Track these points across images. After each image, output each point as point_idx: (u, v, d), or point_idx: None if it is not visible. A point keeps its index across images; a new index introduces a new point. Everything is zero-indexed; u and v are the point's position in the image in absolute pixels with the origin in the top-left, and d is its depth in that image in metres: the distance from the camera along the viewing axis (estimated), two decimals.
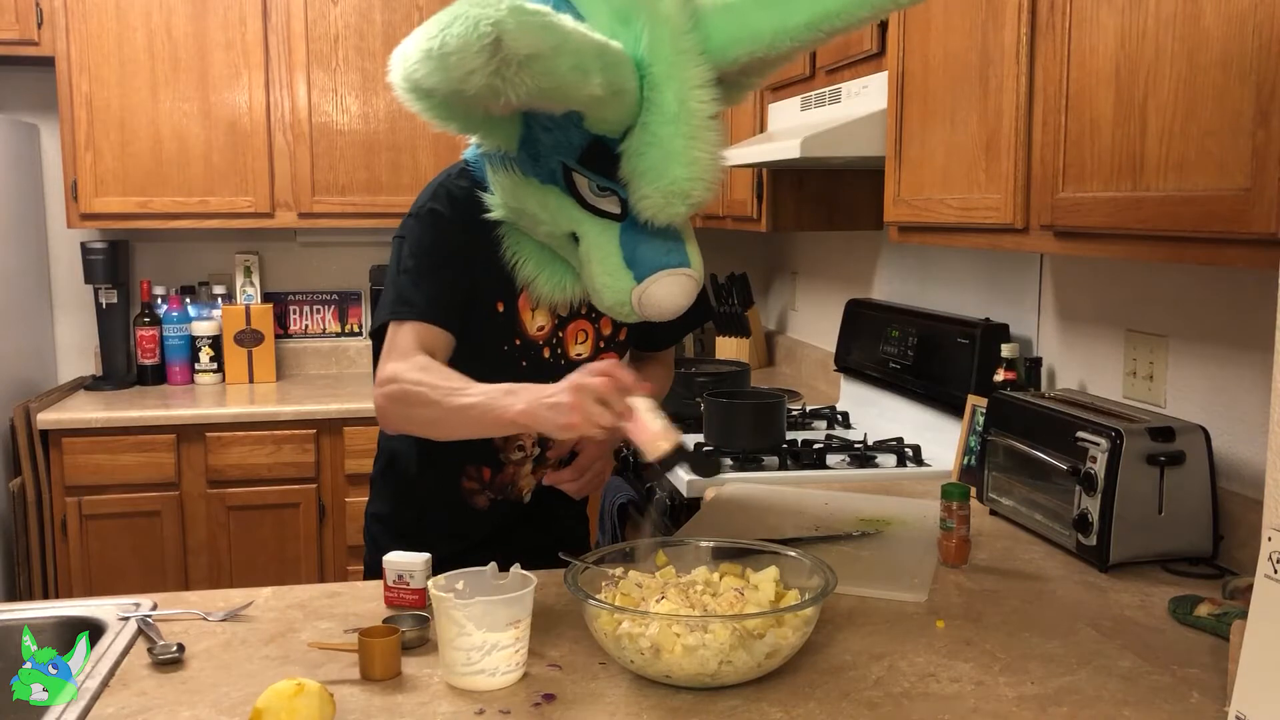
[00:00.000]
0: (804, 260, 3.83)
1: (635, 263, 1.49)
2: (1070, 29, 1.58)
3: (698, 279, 1.53)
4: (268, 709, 1.16)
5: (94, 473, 3.26)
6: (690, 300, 1.55)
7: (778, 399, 2.62)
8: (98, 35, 3.45)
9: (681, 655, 1.24)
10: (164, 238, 3.88)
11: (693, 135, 1.40)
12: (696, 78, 1.41)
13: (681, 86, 1.40)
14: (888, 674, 1.33)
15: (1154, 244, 1.42)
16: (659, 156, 1.40)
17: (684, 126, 1.39)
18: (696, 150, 1.40)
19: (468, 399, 1.45)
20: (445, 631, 1.29)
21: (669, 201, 1.42)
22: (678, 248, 1.51)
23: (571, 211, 1.51)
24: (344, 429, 3.39)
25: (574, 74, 1.31)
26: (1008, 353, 2.25)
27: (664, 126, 1.39)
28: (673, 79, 1.40)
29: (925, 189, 2.03)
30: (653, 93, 1.40)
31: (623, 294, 1.50)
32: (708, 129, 1.41)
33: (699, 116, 1.40)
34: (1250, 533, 1.68)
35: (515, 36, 1.24)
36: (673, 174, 1.40)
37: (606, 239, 1.50)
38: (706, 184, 1.42)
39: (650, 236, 1.49)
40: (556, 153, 1.49)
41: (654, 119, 1.39)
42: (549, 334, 1.70)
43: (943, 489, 1.73)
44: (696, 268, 1.53)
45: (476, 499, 1.78)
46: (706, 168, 1.41)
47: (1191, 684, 1.31)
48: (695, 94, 1.40)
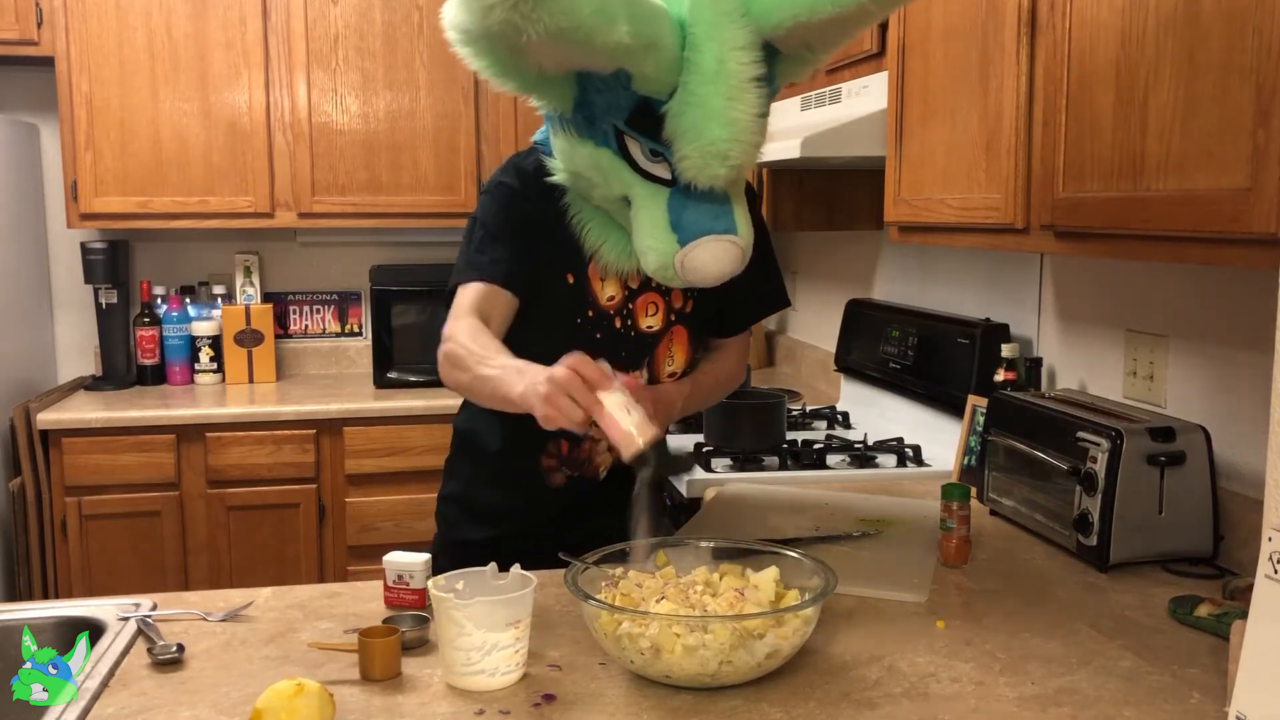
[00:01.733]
0: (804, 260, 3.83)
1: (680, 226, 1.49)
2: (1070, 29, 1.57)
3: (744, 247, 1.51)
4: (268, 709, 1.16)
5: (94, 473, 3.26)
6: (735, 268, 1.53)
7: (778, 399, 2.62)
8: (98, 35, 3.45)
9: (681, 655, 1.24)
10: (164, 238, 3.88)
11: (731, 96, 1.40)
12: (737, 39, 1.40)
13: (721, 47, 1.40)
14: (888, 674, 1.33)
15: (1154, 244, 1.42)
16: (698, 116, 1.40)
17: (722, 86, 1.39)
18: (735, 111, 1.40)
19: (489, 370, 1.51)
20: (445, 632, 1.29)
21: (707, 162, 1.42)
22: (725, 213, 1.50)
23: (624, 175, 1.52)
24: (344, 429, 3.39)
25: (597, 18, 1.32)
26: (1008, 353, 2.25)
27: (703, 86, 1.39)
28: (712, 39, 1.40)
29: (925, 189, 2.03)
30: (693, 53, 1.40)
31: (666, 256, 1.50)
32: (747, 90, 1.41)
33: (738, 78, 1.40)
34: (1250, 533, 1.68)
35: None
36: (711, 134, 1.40)
37: (655, 202, 1.50)
38: (745, 145, 1.42)
39: (698, 201, 1.48)
40: (609, 115, 1.50)
41: (694, 79, 1.40)
42: (620, 304, 1.71)
43: (943, 489, 1.73)
44: (744, 236, 1.51)
45: (553, 476, 1.80)
46: (745, 129, 1.41)
47: (1191, 684, 1.31)
48: (735, 55, 1.40)
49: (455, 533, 1.90)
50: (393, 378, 3.68)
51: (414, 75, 3.66)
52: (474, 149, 3.71)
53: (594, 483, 1.82)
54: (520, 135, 3.65)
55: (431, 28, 3.64)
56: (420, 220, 3.70)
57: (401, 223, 3.71)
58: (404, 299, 3.69)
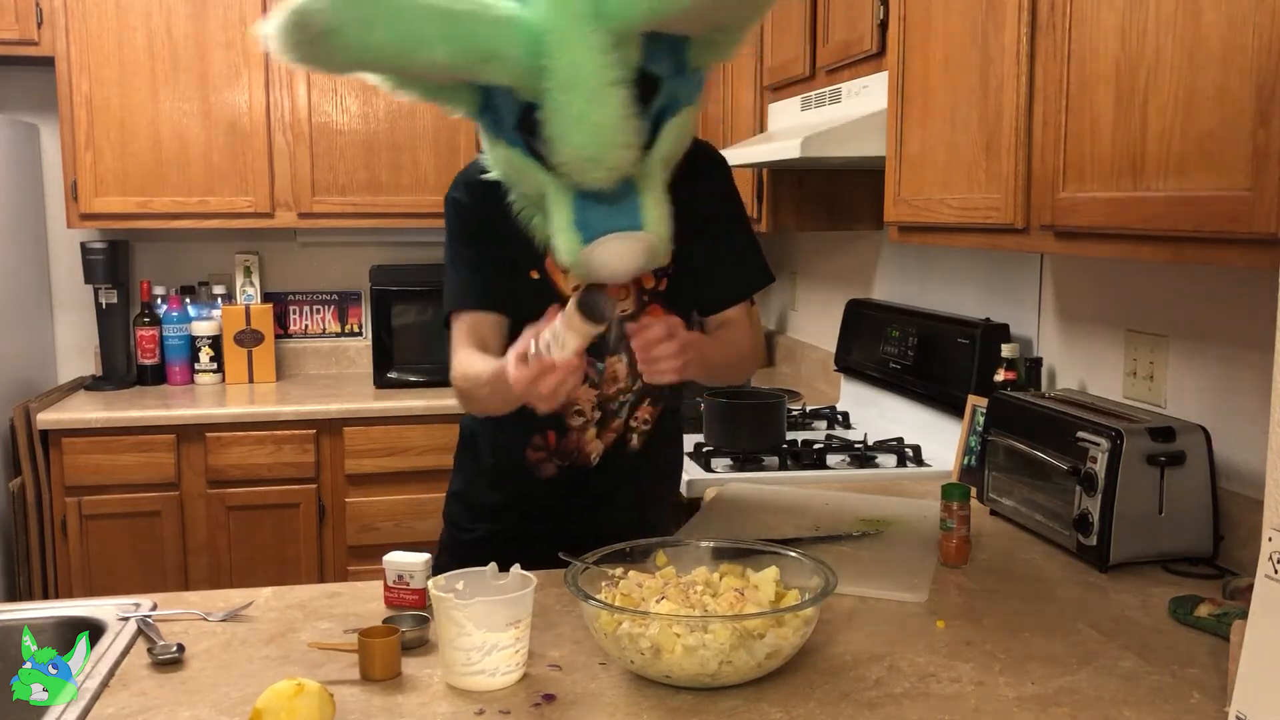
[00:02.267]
0: (804, 260, 3.83)
1: (584, 224, 1.47)
2: (1070, 29, 1.57)
3: (650, 242, 1.49)
4: (268, 709, 1.16)
5: (94, 473, 3.26)
6: (639, 264, 1.51)
7: (778, 399, 2.62)
8: (98, 35, 3.45)
9: (682, 655, 1.24)
10: (164, 238, 3.88)
11: (591, 100, 1.37)
12: (592, 42, 1.38)
13: (574, 52, 1.37)
14: (888, 674, 1.33)
15: (1154, 244, 1.42)
16: (562, 123, 1.39)
17: (580, 93, 1.37)
18: (597, 115, 1.38)
19: (486, 390, 1.62)
20: (445, 632, 1.29)
21: (581, 167, 1.41)
22: (630, 209, 1.48)
23: (535, 174, 1.51)
24: (344, 429, 3.39)
25: (402, 44, 1.33)
26: (1008, 353, 2.25)
27: (562, 94, 1.38)
28: (565, 46, 1.37)
29: (925, 189, 2.03)
30: (549, 60, 1.38)
31: (572, 255, 1.49)
32: (608, 94, 1.38)
33: (596, 81, 1.37)
34: (1250, 533, 1.68)
35: (313, 16, 1.27)
36: (575, 140, 1.39)
37: (563, 199, 1.49)
38: (614, 148, 1.40)
39: (603, 198, 1.46)
40: (507, 117, 1.50)
41: (553, 86, 1.38)
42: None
43: (943, 489, 1.73)
44: (652, 228, 1.49)
45: (544, 468, 1.80)
46: (611, 131, 1.39)
47: (1191, 684, 1.31)
48: (590, 59, 1.37)
49: (458, 530, 1.92)
50: (393, 378, 3.68)
51: None
52: (474, 149, 3.71)
53: (587, 470, 1.82)
54: None
55: None
56: (420, 220, 3.70)
57: (401, 223, 3.71)
58: (404, 299, 3.69)
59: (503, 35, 1.38)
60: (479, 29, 1.37)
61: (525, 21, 1.38)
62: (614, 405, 1.79)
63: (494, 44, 1.38)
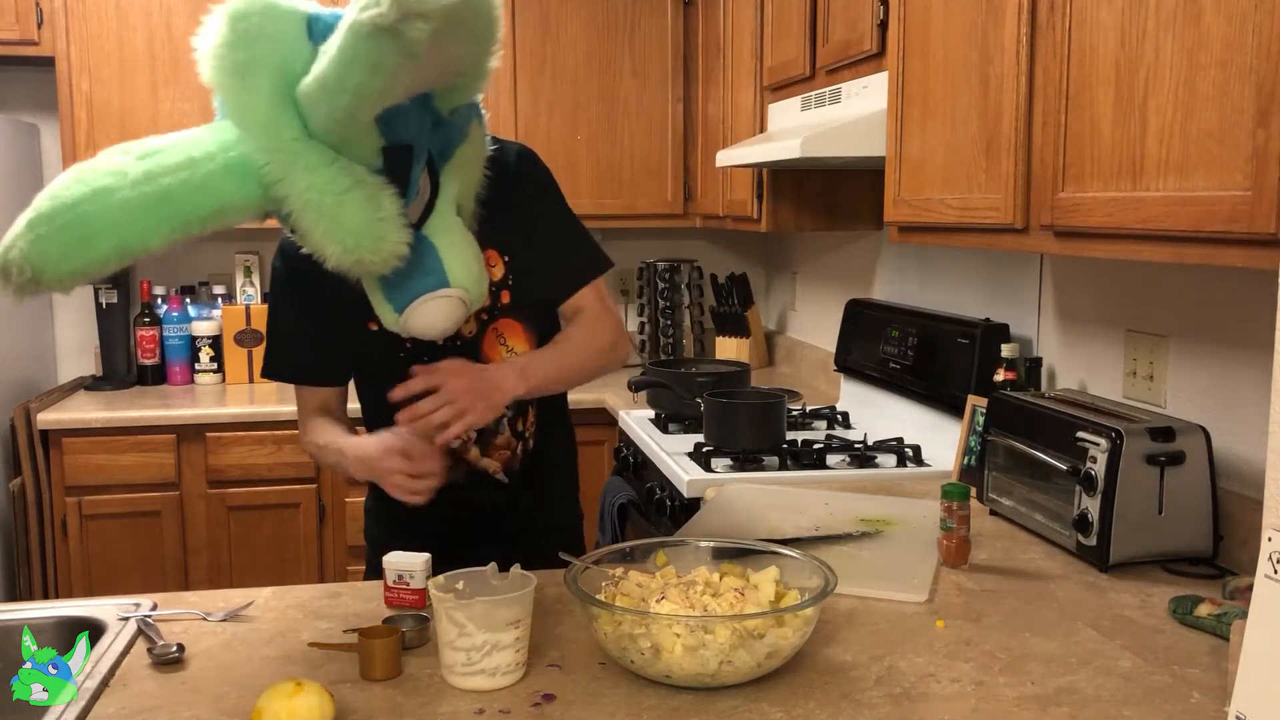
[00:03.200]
0: (804, 260, 3.83)
1: (393, 297, 1.51)
2: (1070, 29, 1.57)
3: (459, 295, 1.52)
4: (268, 709, 1.16)
5: (94, 473, 3.26)
6: (456, 318, 1.54)
7: (778, 399, 2.62)
8: (98, 35, 3.45)
9: (682, 655, 1.24)
10: None
11: (332, 215, 1.38)
12: (311, 161, 1.37)
13: (298, 177, 1.37)
14: (888, 674, 1.33)
15: (1154, 244, 1.42)
16: (316, 241, 1.39)
17: (318, 212, 1.37)
18: (343, 225, 1.38)
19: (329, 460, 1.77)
20: (445, 632, 1.29)
21: (354, 269, 1.42)
22: (434, 268, 1.50)
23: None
24: None
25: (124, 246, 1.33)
26: (1008, 353, 2.25)
27: (302, 216, 1.38)
28: (288, 173, 1.37)
29: (925, 189, 2.03)
30: (279, 189, 1.38)
31: (393, 325, 1.54)
32: (345, 203, 1.38)
33: (330, 196, 1.37)
34: (1250, 533, 1.68)
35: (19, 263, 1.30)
36: (333, 252, 1.40)
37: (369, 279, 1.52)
38: (375, 245, 1.39)
39: (405, 266, 1.46)
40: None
41: (292, 210, 1.38)
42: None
43: (943, 489, 1.73)
44: (458, 281, 1.51)
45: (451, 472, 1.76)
46: (364, 235, 1.39)
47: (1191, 684, 1.31)
48: (316, 178, 1.37)
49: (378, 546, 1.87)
50: None
51: None
52: None
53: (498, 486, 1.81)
54: (519, 136, 3.65)
55: None
56: None
57: None
58: None
59: (222, 188, 1.37)
60: (193, 197, 1.36)
61: (242, 161, 1.37)
62: (490, 424, 1.75)
63: (216, 202, 1.37)
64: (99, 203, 1.32)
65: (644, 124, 3.81)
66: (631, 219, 3.83)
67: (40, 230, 1.30)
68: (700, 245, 4.21)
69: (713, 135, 3.51)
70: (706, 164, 3.52)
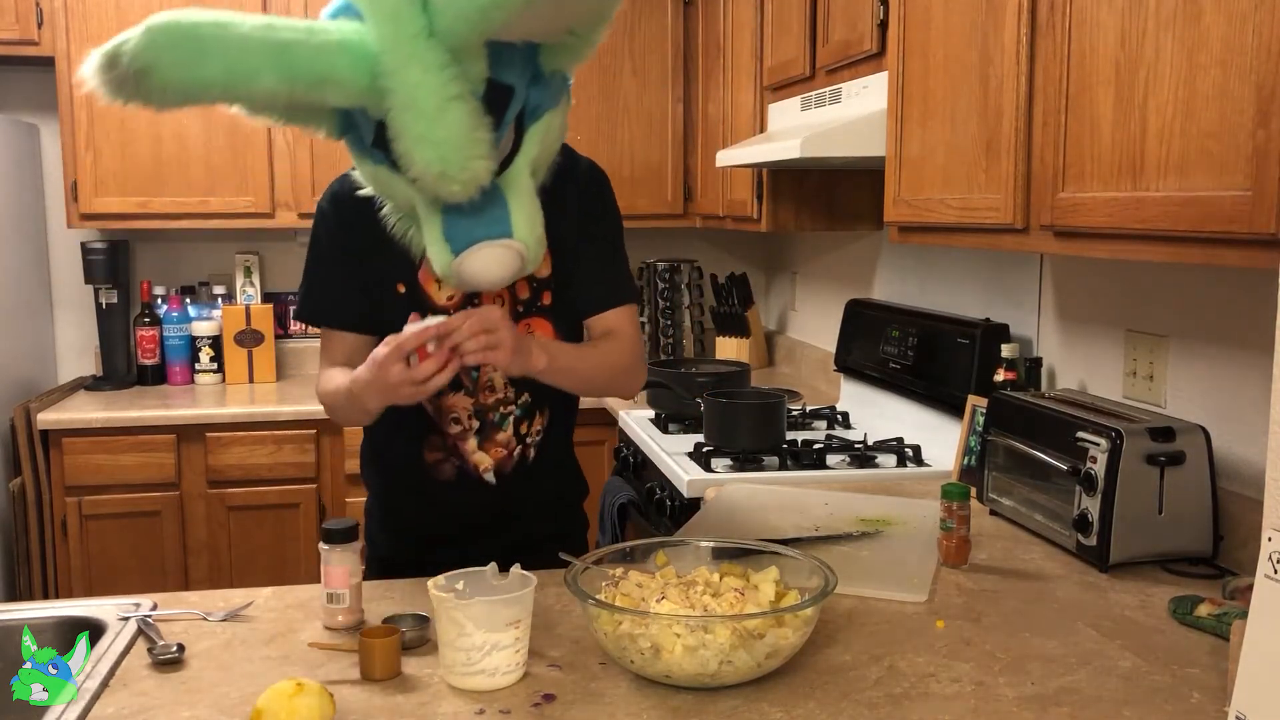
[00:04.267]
0: (804, 260, 3.83)
1: (453, 235, 1.49)
2: (1070, 29, 1.57)
3: (519, 249, 1.51)
4: (268, 709, 1.16)
5: (94, 473, 3.26)
6: (511, 272, 1.53)
7: (778, 399, 2.62)
8: (98, 35, 3.44)
9: (682, 655, 1.24)
10: (164, 238, 3.88)
11: (432, 118, 1.38)
12: (428, 60, 1.38)
13: (410, 72, 1.38)
14: (888, 674, 1.33)
15: (1154, 244, 1.42)
16: (408, 142, 1.40)
17: (419, 112, 1.38)
18: (440, 132, 1.39)
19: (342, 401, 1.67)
20: (445, 632, 1.29)
21: (433, 184, 1.42)
22: (499, 217, 1.49)
23: (402, 188, 1.52)
24: (344, 429, 3.39)
25: (231, 77, 1.34)
26: (1008, 353, 2.25)
27: (403, 114, 1.39)
28: (401, 67, 1.38)
29: (925, 189, 2.03)
30: (387, 80, 1.39)
31: (444, 266, 1.51)
32: (450, 110, 1.39)
33: (437, 98, 1.38)
34: (1250, 533, 1.68)
35: (131, 55, 1.28)
36: (423, 157, 1.40)
37: (431, 211, 1.50)
38: (463, 161, 1.40)
39: (471, 207, 1.47)
40: (367, 135, 1.51)
41: (394, 106, 1.39)
42: (460, 302, 1.72)
43: (943, 489, 1.73)
44: (522, 236, 1.50)
45: (442, 468, 1.77)
46: (457, 147, 1.39)
47: (1191, 684, 1.31)
48: (427, 78, 1.38)
49: (378, 547, 1.89)
50: None
51: None
52: None
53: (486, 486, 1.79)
54: None
55: None
56: None
57: None
58: None
59: (335, 60, 1.39)
60: (307, 55, 1.37)
61: (360, 44, 1.39)
62: (494, 416, 1.76)
63: (326, 69, 1.38)
64: (219, 30, 1.33)
65: (644, 124, 3.81)
66: (631, 219, 3.78)
67: (158, 37, 1.30)
68: (700, 245, 4.21)
69: (713, 135, 3.51)
70: (706, 164, 3.52)
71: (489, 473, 1.79)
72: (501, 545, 1.64)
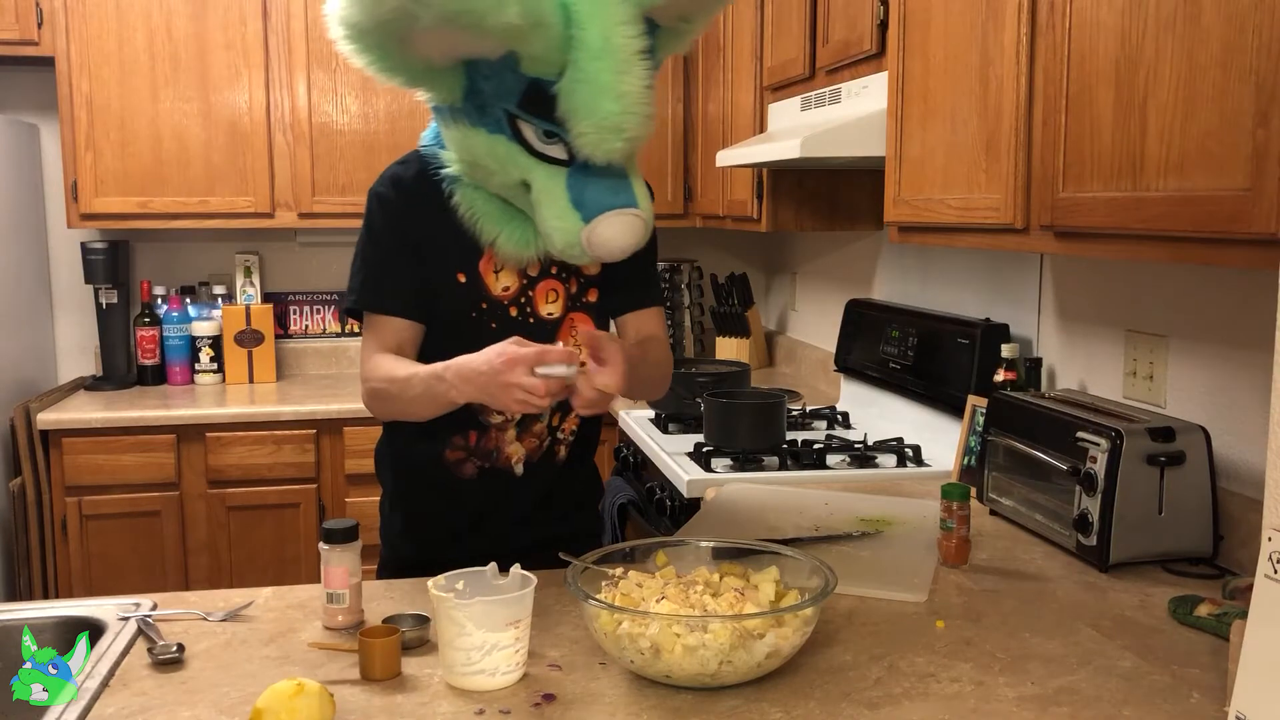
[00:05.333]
0: (804, 260, 3.83)
1: (583, 204, 1.52)
2: (1070, 29, 1.57)
3: (645, 219, 1.56)
4: (268, 709, 1.16)
5: (94, 473, 3.26)
6: (638, 240, 1.56)
7: (778, 399, 2.62)
8: (98, 35, 3.45)
9: (681, 655, 1.24)
10: (164, 238, 3.88)
11: (620, 70, 1.43)
12: (620, 14, 1.43)
13: (605, 22, 1.42)
14: (888, 674, 1.33)
15: (1154, 244, 1.42)
16: (589, 92, 1.43)
17: (610, 61, 1.42)
18: (625, 84, 1.43)
19: (416, 391, 1.60)
20: (445, 632, 1.29)
21: (603, 137, 1.45)
22: (625, 187, 1.54)
23: (520, 159, 1.54)
24: (344, 429, 3.39)
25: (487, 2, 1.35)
26: (1008, 353, 2.25)
27: (591, 62, 1.42)
28: (596, 15, 1.42)
29: (925, 189, 2.03)
30: (579, 30, 1.42)
31: (571, 235, 1.53)
32: (634, 64, 1.44)
33: (625, 51, 1.43)
34: (1250, 533, 1.68)
35: None
36: (604, 108, 1.44)
37: (555, 183, 1.53)
38: (638, 117, 1.46)
39: (597, 178, 1.52)
40: (499, 100, 1.52)
41: (581, 56, 1.42)
42: (515, 294, 1.72)
43: (943, 489, 1.73)
44: (645, 208, 1.56)
45: (463, 467, 1.77)
46: (636, 100, 1.45)
47: (1191, 684, 1.31)
48: (620, 30, 1.43)
49: (389, 544, 1.89)
50: None
51: None
52: None
53: (511, 478, 1.79)
54: None
55: None
56: None
57: None
58: None
59: (548, 2, 1.42)
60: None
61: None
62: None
63: (544, 10, 1.41)
64: None
65: None
66: None
67: None
68: (700, 245, 4.21)
69: (713, 135, 3.51)
70: (706, 164, 3.52)
71: (520, 464, 1.79)
72: (521, 545, 1.64)
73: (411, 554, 1.84)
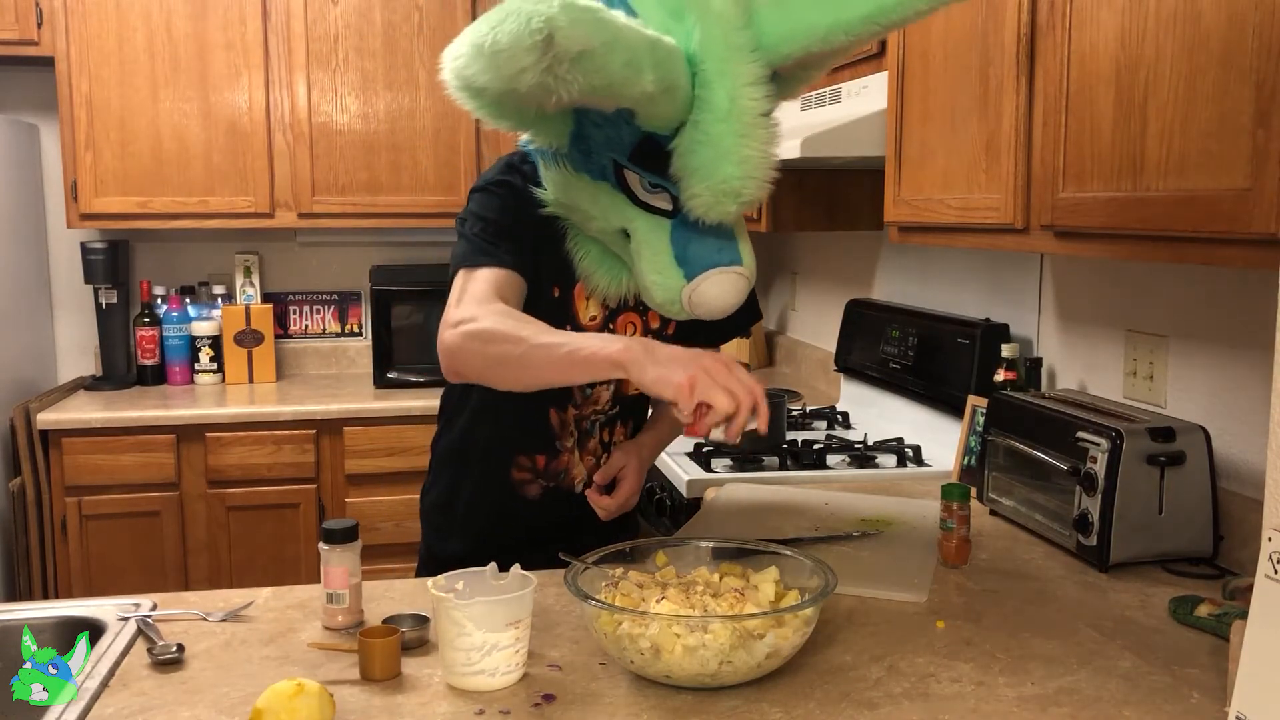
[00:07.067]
0: (804, 260, 3.83)
1: (686, 260, 1.47)
2: (1070, 29, 1.58)
3: (750, 277, 1.51)
4: (268, 709, 1.16)
5: (94, 473, 3.26)
6: (741, 299, 1.52)
7: (778, 399, 2.62)
8: (98, 35, 3.45)
9: (681, 655, 1.24)
10: (164, 238, 3.88)
11: (744, 133, 1.38)
12: (749, 75, 1.39)
13: (734, 84, 1.38)
14: (888, 674, 1.33)
15: (1154, 244, 1.42)
16: (710, 155, 1.38)
17: (735, 124, 1.37)
18: (747, 148, 1.38)
19: (553, 338, 1.44)
20: (445, 632, 1.29)
21: (719, 200, 1.40)
22: (730, 245, 1.49)
23: (623, 208, 1.50)
24: (344, 429, 3.39)
25: (626, 70, 1.30)
26: (1008, 353, 2.26)
27: (716, 124, 1.37)
28: (725, 76, 1.38)
29: (925, 189, 2.03)
30: (704, 90, 1.38)
31: (673, 291, 1.48)
32: (759, 126, 1.39)
33: (750, 114, 1.38)
34: (1250, 533, 1.68)
35: (567, 33, 1.23)
36: (724, 172, 1.38)
37: (658, 236, 1.48)
38: (758, 182, 1.40)
39: (702, 234, 1.47)
40: (608, 149, 1.48)
41: (706, 117, 1.38)
42: (600, 324, 1.70)
43: (943, 489, 1.73)
44: (749, 266, 1.50)
45: (529, 488, 1.78)
46: (757, 165, 1.39)
47: (1191, 684, 1.31)
48: (747, 91, 1.38)
49: (439, 543, 1.89)
50: (393, 378, 3.68)
51: (414, 75, 3.66)
52: (474, 149, 3.71)
53: (570, 496, 1.80)
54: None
55: (431, 28, 3.65)
56: (420, 220, 3.70)
57: (401, 223, 3.71)
58: (404, 299, 3.70)
59: (680, 65, 1.37)
60: (671, 56, 1.36)
61: (684, 51, 1.38)
62: (587, 424, 1.77)
63: (676, 74, 1.37)
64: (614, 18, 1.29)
65: None
66: None
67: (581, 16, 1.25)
68: None
69: None
70: None
71: (581, 483, 1.79)
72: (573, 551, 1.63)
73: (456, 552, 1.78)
